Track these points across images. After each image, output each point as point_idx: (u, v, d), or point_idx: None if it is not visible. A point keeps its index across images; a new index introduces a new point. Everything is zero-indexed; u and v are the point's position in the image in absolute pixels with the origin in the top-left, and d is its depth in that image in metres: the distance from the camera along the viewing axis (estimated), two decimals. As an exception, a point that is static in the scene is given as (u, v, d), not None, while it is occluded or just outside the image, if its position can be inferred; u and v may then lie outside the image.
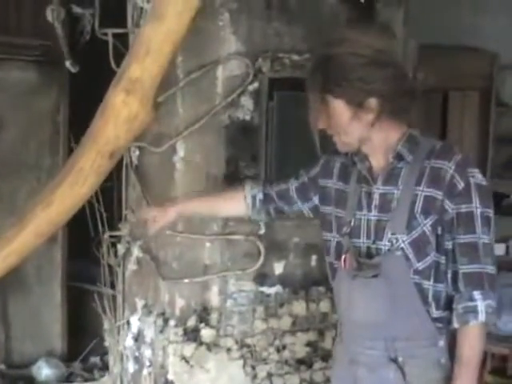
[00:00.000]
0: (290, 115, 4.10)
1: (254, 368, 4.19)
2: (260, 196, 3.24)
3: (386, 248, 2.65)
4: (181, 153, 4.07)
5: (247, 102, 4.12)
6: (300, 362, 4.30)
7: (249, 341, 4.20)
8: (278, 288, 4.26)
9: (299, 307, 4.28)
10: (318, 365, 4.31)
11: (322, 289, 4.33)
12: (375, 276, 2.65)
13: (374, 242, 2.70)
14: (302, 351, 4.29)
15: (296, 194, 3.14)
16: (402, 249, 2.61)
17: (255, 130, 4.15)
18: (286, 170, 4.07)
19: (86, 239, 5.50)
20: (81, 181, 3.56)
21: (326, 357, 4.31)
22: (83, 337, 6.28)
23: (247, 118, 4.13)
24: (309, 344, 4.31)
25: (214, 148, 4.11)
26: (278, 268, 4.26)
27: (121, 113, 3.42)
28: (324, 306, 4.31)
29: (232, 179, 4.13)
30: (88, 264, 5.27)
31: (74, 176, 3.55)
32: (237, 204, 3.30)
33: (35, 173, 6.04)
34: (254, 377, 4.18)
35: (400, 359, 2.69)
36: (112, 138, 3.46)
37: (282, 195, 3.21)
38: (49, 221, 3.67)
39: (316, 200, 3.05)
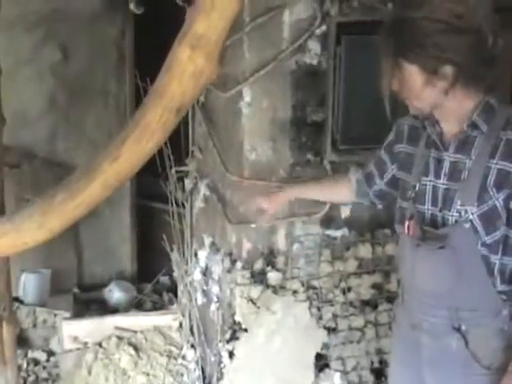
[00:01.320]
0: (358, 59, 4.00)
1: (319, 309, 4.26)
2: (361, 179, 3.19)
3: (454, 219, 2.61)
4: (247, 98, 4.03)
5: (314, 46, 4.02)
6: (365, 303, 4.35)
7: (315, 283, 4.25)
8: (344, 231, 4.26)
9: (365, 250, 4.28)
10: (382, 306, 4.35)
11: (387, 231, 4.31)
12: (441, 247, 2.62)
13: (440, 211, 2.67)
14: (367, 293, 4.33)
15: (375, 169, 3.09)
16: (471, 221, 2.56)
17: (322, 74, 4.07)
18: (354, 116, 4.04)
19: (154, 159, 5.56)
20: (147, 136, 3.56)
21: (391, 299, 4.34)
22: (153, 256, 6.44)
23: (314, 62, 4.04)
24: (374, 286, 4.34)
25: (281, 93, 4.05)
26: (345, 211, 4.26)
27: (186, 69, 3.37)
28: (390, 248, 4.30)
29: (299, 125, 4.08)
30: (157, 181, 5.31)
31: (140, 131, 3.55)
32: (344, 189, 3.27)
33: (102, 99, 6.10)
34: (320, 318, 4.25)
35: (463, 328, 2.70)
36: (178, 95, 3.43)
37: (368, 177, 3.15)
38: (116, 174, 3.72)
39: (393, 170, 2.99)
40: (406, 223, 2.75)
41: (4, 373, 4.41)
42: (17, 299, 5.49)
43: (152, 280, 6.35)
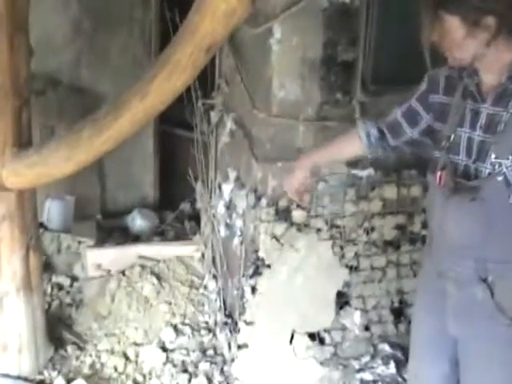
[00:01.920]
0: (391, -1, 3.94)
1: (342, 248, 4.29)
2: (374, 132, 3.09)
3: (487, 171, 2.61)
4: (277, 35, 3.99)
5: (348, -17, 3.95)
6: (388, 243, 4.38)
7: (338, 222, 4.27)
8: (369, 171, 4.26)
9: (390, 190, 4.29)
10: (405, 247, 4.38)
11: (413, 173, 4.32)
12: (472, 200, 2.63)
13: (474, 162, 2.66)
14: (390, 233, 4.35)
15: (404, 119, 3.03)
16: (504, 174, 2.55)
17: (355, 13, 4.01)
18: (385, 56, 3.99)
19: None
20: (177, 74, 3.56)
21: (414, 240, 4.39)
22: (174, 183, 6.48)
23: (347, 0, 3.98)
24: (397, 227, 4.36)
25: (312, 31, 4.01)
26: (372, 151, 4.24)
27: (219, 7, 3.34)
28: (415, 190, 4.31)
29: (329, 63, 4.05)
30: (182, 108, 5.30)
31: (170, 69, 3.54)
32: (353, 145, 3.19)
33: (127, 26, 6.04)
34: (342, 257, 4.29)
35: (490, 279, 2.72)
36: (209, 33, 3.40)
37: (392, 127, 3.07)
38: (144, 111, 3.73)
39: (428, 119, 2.95)
40: (438, 173, 2.75)
41: (30, 299, 4.52)
42: (41, 225, 5.55)
43: (174, 207, 6.40)
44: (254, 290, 4.24)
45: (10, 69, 4.01)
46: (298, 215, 4.18)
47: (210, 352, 4.78)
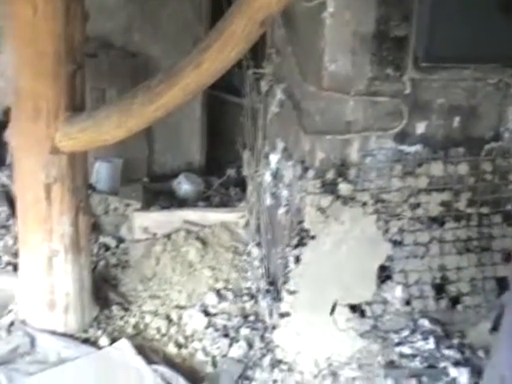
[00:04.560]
0: (447, -26, 3.90)
1: (386, 223, 4.32)
2: None
3: None
4: (331, 8, 3.98)
5: (403, -43, 3.93)
6: (432, 220, 4.39)
7: (384, 196, 4.29)
8: (417, 147, 4.27)
9: (437, 167, 4.30)
10: (449, 224, 4.40)
11: (461, 150, 4.32)
12: None
13: None
14: (435, 210, 4.37)
15: None
16: None
17: (408, -13, 3.98)
18: (439, 33, 3.97)
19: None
20: (231, 45, 3.60)
21: (459, 217, 4.40)
22: (220, 148, 6.54)
23: (401, -25, 3.96)
24: (443, 204, 4.37)
25: (365, 5, 3.99)
26: (420, 127, 4.25)
27: (273, -18, 3.37)
28: (461, 168, 4.32)
29: (380, 39, 4.04)
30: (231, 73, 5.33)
31: (224, 40, 3.59)
32: None
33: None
34: (386, 231, 4.32)
35: None
36: (264, 6, 3.43)
37: None
38: (197, 80, 3.79)
39: None
40: None
41: (78, 259, 4.64)
42: (90, 187, 5.65)
43: (219, 173, 6.48)
44: (297, 260, 4.30)
45: (65, 34, 4.08)
46: (344, 188, 4.21)
47: (252, 318, 4.87)
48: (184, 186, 6.13)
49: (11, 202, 5.86)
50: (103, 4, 5.74)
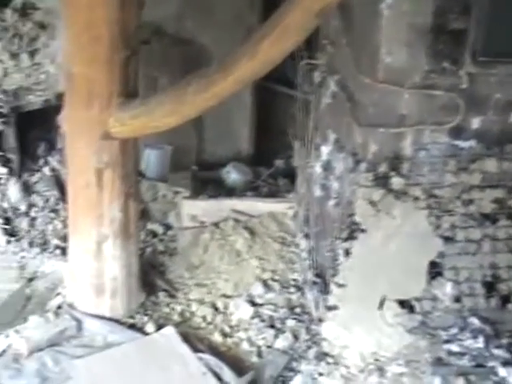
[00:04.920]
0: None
1: (438, 218, 4.26)
2: None
3: None
4: (389, 0, 3.91)
5: (461, -51, 3.85)
6: (485, 217, 4.32)
7: (436, 192, 4.23)
8: (472, 143, 4.19)
9: (491, 164, 4.22)
10: (502, 222, 4.32)
11: (516, 146, 4.24)
12: None
13: None
14: (488, 207, 4.29)
15: None
16: None
17: (468, -20, 3.90)
18: (499, 28, 3.89)
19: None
20: (286, 37, 3.58)
21: (512, 215, 4.33)
22: (269, 138, 6.52)
23: (461, -33, 3.88)
24: (496, 201, 4.29)
25: (423, -2, 3.93)
26: (475, 123, 4.17)
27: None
28: (517, 164, 4.24)
29: (438, 31, 3.97)
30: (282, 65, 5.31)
31: (279, 32, 3.57)
32: None
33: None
34: (438, 227, 4.26)
35: None
36: (321, -3, 3.40)
37: None
38: (251, 71, 3.79)
39: None
40: None
41: (127, 245, 4.66)
42: (139, 173, 5.67)
43: (267, 162, 6.45)
44: (347, 253, 4.27)
45: (121, 20, 4.08)
46: (396, 182, 4.16)
47: (298, 310, 4.86)
48: (232, 175, 6.13)
49: (61, 187, 5.91)
50: (157, -9, 5.73)
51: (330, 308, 4.39)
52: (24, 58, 5.68)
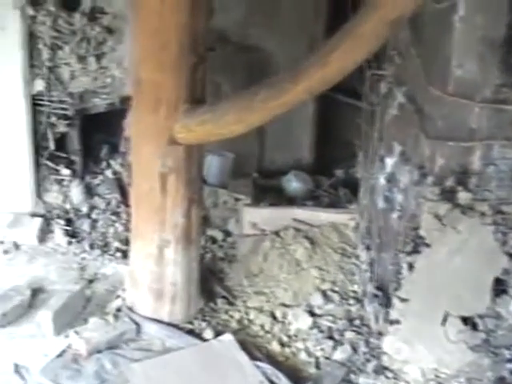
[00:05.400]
0: None
1: (504, 235, 4.17)
2: None
3: None
4: (461, 12, 3.86)
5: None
6: (554, 234, 4.23)
7: (504, 208, 4.15)
8: (543, 158, 4.11)
9: None
10: None
11: None
12: None
13: None
14: (557, 225, 4.21)
15: None
16: None
17: (546, -8, 3.83)
18: None
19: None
20: (358, 47, 3.55)
21: None
22: (330, 147, 6.49)
23: (537, -23, 3.81)
24: None
25: (497, 10, 3.85)
26: (549, 136, 4.09)
27: (407, -18, 3.30)
28: None
29: (510, 45, 3.90)
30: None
31: (352, 42, 3.54)
32: None
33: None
34: (504, 244, 4.17)
35: None
36: (395, 7, 3.36)
37: None
38: (322, 80, 3.76)
39: None
40: None
41: (188, 250, 4.68)
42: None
43: (326, 171, 6.43)
44: (411, 267, 4.22)
45: (190, 26, 4.10)
46: (463, 197, 4.10)
47: (357, 322, 4.82)
48: (293, 183, 6.12)
49: (122, 190, 5.97)
50: (222, -3, 5.76)
51: (392, 322, 4.34)
52: (91, 61, 5.73)
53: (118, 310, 4.85)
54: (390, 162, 4.71)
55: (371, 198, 4.97)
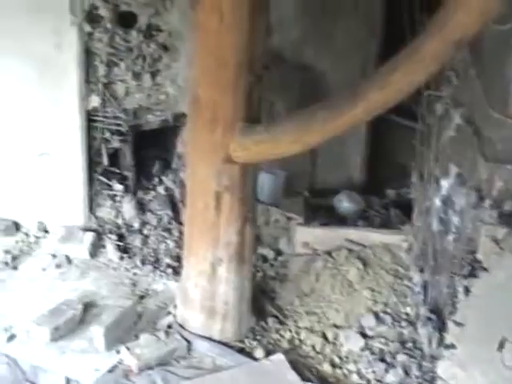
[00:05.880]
0: None
1: (562, 261, 4.10)
2: None
3: None
4: (523, 35, 3.82)
5: None
6: None
7: None
8: None
9: None
10: None
11: None
12: None
13: None
14: None
15: None
16: None
17: None
18: None
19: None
20: (420, 69, 3.52)
21: None
22: (381, 167, 6.46)
23: None
24: None
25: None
26: None
27: (471, 3, 3.27)
28: None
29: None
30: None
31: (413, 63, 3.50)
32: None
33: (353, 9, 6.04)
34: (562, 270, 4.10)
35: None
36: (460, 29, 3.33)
37: None
38: (383, 101, 3.72)
39: None
40: None
41: (241, 269, 4.67)
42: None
43: (377, 191, 6.39)
44: (467, 291, 4.15)
45: (248, 45, 4.12)
46: (522, 220, 4.03)
47: (409, 345, 4.75)
48: (344, 203, 6.09)
49: (174, 206, 5.99)
50: (278, 18, 5.75)
51: (447, 346, 4.27)
52: (146, 78, 5.79)
53: (169, 326, 4.86)
54: (445, 183, 4.66)
55: (425, 220, 4.91)
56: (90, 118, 5.69)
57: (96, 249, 5.67)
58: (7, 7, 5.34)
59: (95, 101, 5.66)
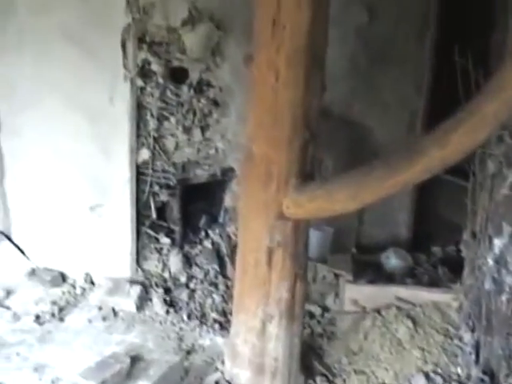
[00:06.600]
0: None
1: None
2: None
3: None
4: None
5: None
6: None
7: None
8: None
9: None
10: None
11: None
12: None
13: None
14: None
15: None
16: None
17: None
18: None
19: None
20: (481, 128, 3.51)
21: None
22: (428, 223, 6.42)
23: None
24: None
25: None
26: None
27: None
28: None
29: None
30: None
31: (474, 123, 3.50)
32: None
33: (400, 64, 6.09)
34: None
35: None
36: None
37: None
38: (441, 161, 3.71)
39: None
40: None
41: (291, 326, 4.62)
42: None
43: (423, 248, 6.35)
44: (522, 353, 4.10)
45: (304, 102, 4.14)
46: None
47: (462, 406, 4.68)
48: (392, 260, 6.05)
49: (221, 261, 5.99)
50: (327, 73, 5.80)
51: (505, 410, 4.21)
52: (196, 132, 5.85)
53: (217, 382, 4.80)
54: (498, 242, 4.62)
55: (477, 279, 4.86)
56: (139, 171, 5.74)
57: (142, 302, 5.65)
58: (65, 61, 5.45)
59: (145, 154, 5.71)
